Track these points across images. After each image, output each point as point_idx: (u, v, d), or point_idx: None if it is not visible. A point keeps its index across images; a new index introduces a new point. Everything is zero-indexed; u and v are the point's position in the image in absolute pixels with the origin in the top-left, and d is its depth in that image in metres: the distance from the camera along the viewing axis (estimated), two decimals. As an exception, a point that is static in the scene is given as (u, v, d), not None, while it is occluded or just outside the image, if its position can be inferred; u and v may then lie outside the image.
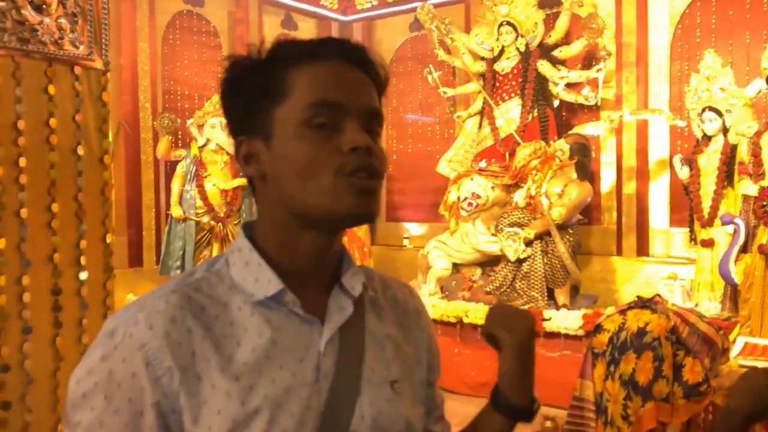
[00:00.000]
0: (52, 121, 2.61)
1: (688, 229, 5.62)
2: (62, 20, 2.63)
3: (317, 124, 0.86)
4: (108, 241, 2.80)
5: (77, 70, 2.69)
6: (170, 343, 0.81)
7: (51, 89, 2.61)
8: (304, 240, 0.90)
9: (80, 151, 2.69)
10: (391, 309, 1.01)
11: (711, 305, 5.23)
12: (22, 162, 2.52)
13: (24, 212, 2.52)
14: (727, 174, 5.21)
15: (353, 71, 0.90)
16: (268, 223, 0.93)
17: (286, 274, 0.90)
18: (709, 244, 5.30)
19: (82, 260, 2.70)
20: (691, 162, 5.44)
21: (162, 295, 0.86)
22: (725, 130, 5.23)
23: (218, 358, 0.83)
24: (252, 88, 0.90)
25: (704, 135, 5.35)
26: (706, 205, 5.33)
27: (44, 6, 2.58)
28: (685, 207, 5.70)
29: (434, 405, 1.08)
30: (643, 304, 3.13)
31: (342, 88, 0.88)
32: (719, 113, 5.19)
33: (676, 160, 5.52)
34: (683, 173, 5.47)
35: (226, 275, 0.90)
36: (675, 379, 2.94)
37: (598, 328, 3.15)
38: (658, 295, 3.31)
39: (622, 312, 3.13)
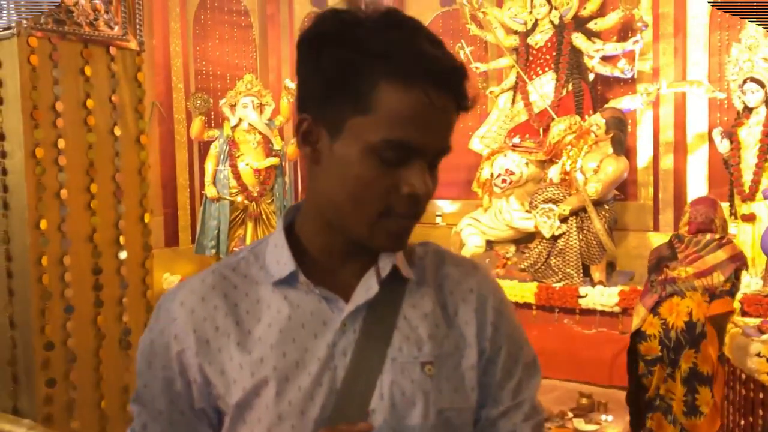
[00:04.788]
0: (89, 102, 2.63)
1: (728, 204, 5.49)
2: (96, 1, 2.64)
3: (386, 157, 0.83)
4: (146, 220, 2.82)
5: (112, 50, 2.70)
6: (195, 319, 0.89)
7: (87, 70, 2.62)
8: (336, 239, 0.91)
9: (117, 131, 2.71)
10: (438, 288, 0.96)
11: (752, 281, 5.13)
12: (61, 143, 2.54)
13: (64, 193, 2.55)
14: (770, 147, 5.09)
15: (441, 103, 0.83)
16: (311, 211, 0.93)
17: (317, 258, 0.92)
18: (750, 218, 5.19)
19: (121, 240, 2.73)
20: (731, 135, 5.32)
21: (202, 275, 0.94)
22: (768, 102, 5.10)
23: (237, 333, 0.89)
24: (336, 78, 0.83)
25: (745, 107, 5.22)
26: (747, 178, 5.21)
27: (78, -13, 2.59)
28: (725, 181, 5.57)
29: (491, 394, 0.95)
30: (665, 289, 3.07)
31: (424, 129, 0.83)
32: (761, 84, 5.06)
33: (716, 134, 5.40)
34: (723, 147, 5.35)
35: (262, 255, 0.94)
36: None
37: (642, 335, 3.12)
38: (664, 248, 3.24)
39: (654, 311, 3.09)
